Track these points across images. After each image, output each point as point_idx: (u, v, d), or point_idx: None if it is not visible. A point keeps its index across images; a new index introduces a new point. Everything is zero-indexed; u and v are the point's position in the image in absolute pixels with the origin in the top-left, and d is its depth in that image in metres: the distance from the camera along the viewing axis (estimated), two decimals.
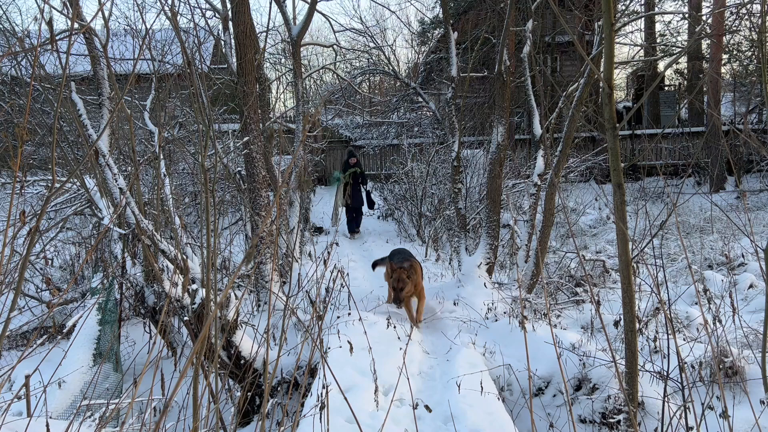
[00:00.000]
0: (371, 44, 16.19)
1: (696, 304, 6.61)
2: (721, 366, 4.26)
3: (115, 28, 11.11)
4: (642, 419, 3.87)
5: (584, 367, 4.42)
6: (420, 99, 14.86)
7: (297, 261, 7.73)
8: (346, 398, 1.86)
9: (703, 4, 16.53)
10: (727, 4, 12.92)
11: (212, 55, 16.07)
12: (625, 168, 3.23)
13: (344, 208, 12.07)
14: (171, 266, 4.72)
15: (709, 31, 12.78)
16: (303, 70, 10.60)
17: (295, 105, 9.52)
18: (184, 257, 4.42)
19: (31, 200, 8.25)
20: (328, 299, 5.23)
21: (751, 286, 7.14)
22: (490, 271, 7.37)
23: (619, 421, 3.95)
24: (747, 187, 14.85)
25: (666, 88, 21.78)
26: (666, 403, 3.01)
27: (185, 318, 4.43)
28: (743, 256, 8.46)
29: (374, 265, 7.32)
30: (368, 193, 12.18)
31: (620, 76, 22.86)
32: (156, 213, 5.29)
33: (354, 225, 12.09)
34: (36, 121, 7.35)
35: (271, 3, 8.84)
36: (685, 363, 4.01)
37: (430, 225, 11.37)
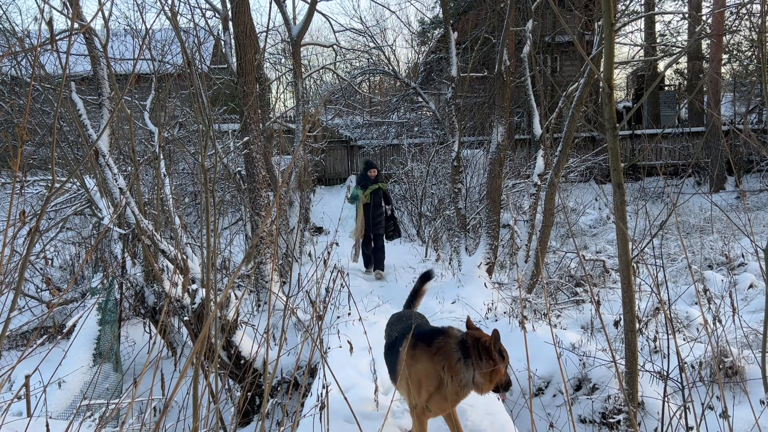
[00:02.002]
0: (371, 44, 16.21)
1: (696, 304, 6.61)
2: (721, 366, 4.26)
3: (115, 28, 11.12)
4: (642, 419, 3.87)
5: (584, 367, 4.42)
6: (420, 99, 14.87)
7: (297, 261, 7.73)
8: (346, 398, 1.86)
9: (703, 4, 16.53)
10: (727, 4, 12.92)
11: (212, 55, 16.06)
12: (625, 168, 3.22)
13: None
14: (171, 266, 4.72)
15: (709, 31, 12.78)
16: (303, 70, 10.61)
17: (295, 105, 9.52)
18: (184, 257, 4.42)
19: (31, 200, 8.24)
20: (328, 299, 5.22)
21: (751, 286, 7.14)
22: (490, 271, 7.38)
23: (619, 421, 3.95)
24: (747, 187, 14.85)
25: (666, 88, 21.78)
26: (666, 403, 3.01)
27: (185, 318, 4.43)
28: (743, 256, 8.46)
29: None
30: (392, 218, 8.99)
31: (620, 76, 22.87)
32: (156, 213, 5.29)
33: (375, 259, 8.92)
34: (36, 121, 7.36)
35: (271, 3, 8.84)
36: (685, 363, 4.00)
37: (430, 225, 11.37)
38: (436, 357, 2.71)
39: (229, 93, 11.52)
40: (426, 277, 3.81)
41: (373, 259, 8.94)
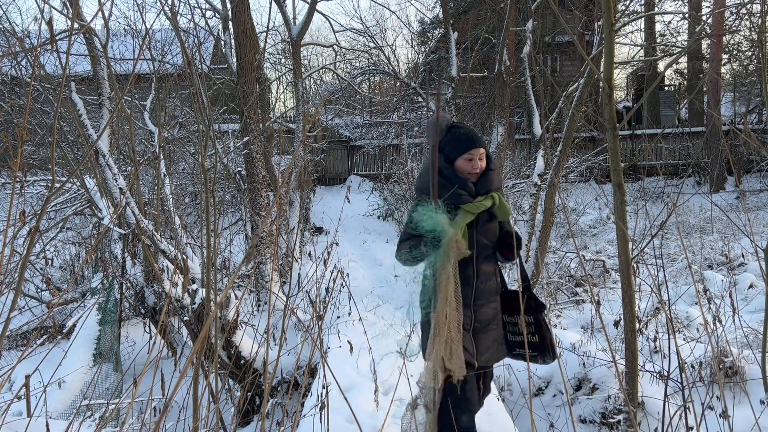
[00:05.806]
0: (371, 44, 16.19)
1: (696, 304, 6.61)
2: (721, 366, 4.26)
3: (115, 28, 11.09)
4: (642, 419, 3.87)
5: (584, 367, 4.42)
6: (420, 99, 14.86)
7: (297, 261, 7.73)
8: (346, 398, 1.86)
9: (703, 4, 16.52)
10: (727, 4, 12.91)
11: (212, 55, 16.05)
12: (625, 168, 3.22)
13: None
14: (171, 266, 4.72)
15: (709, 31, 12.77)
16: (303, 70, 10.60)
17: (295, 105, 9.52)
18: (184, 257, 4.42)
19: (31, 200, 8.24)
20: (328, 299, 5.22)
21: (751, 286, 7.14)
22: None
23: (619, 421, 3.95)
24: (747, 187, 14.84)
25: (666, 88, 21.76)
26: (666, 403, 3.01)
27: (185, 318, 4.43)
28: (743, 256, 8.45)
29: None
30: (527, 294, 2.66)
31: (620, 76, 22.86)
32: (156, 213, 5.29)
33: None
34: (36, 121, 7.35)
35: (271, 3, 8.85)
36: (685, 363, 4.01)
37: None
38: None
39: (229, 93, 11.50)
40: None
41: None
